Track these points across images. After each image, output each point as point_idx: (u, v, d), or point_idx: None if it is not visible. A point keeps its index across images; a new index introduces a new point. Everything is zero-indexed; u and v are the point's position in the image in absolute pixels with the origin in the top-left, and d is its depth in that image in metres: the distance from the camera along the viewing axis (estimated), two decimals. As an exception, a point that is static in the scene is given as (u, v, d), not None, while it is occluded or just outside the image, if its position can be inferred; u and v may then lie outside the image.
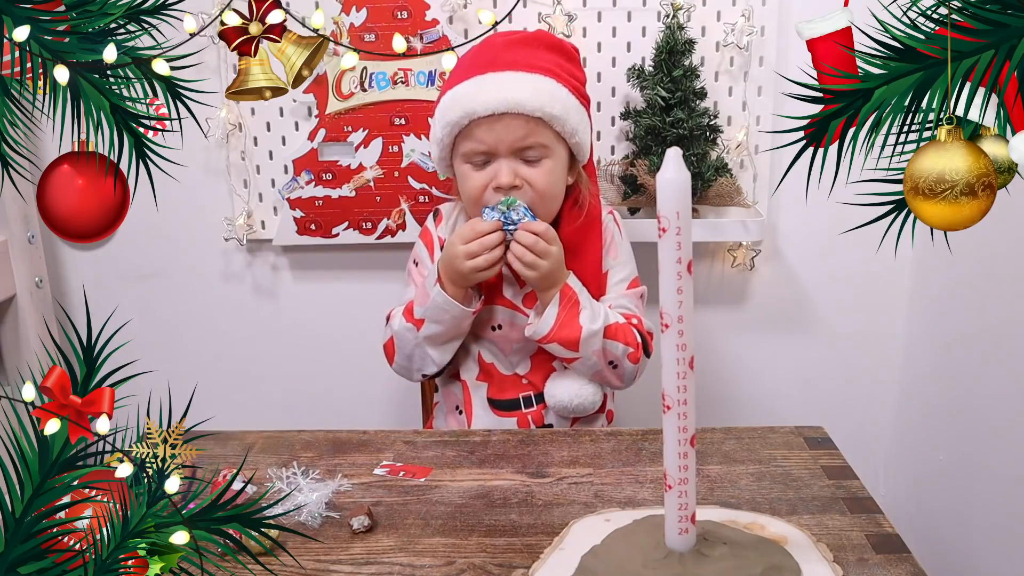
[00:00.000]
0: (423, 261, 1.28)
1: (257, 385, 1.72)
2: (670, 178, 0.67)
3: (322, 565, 0.83)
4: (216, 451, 1.06)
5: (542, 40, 1.19)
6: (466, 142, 1.16)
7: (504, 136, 1.14)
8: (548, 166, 1.16)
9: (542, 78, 1.14)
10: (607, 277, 1.24)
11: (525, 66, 1.14)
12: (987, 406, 1.33)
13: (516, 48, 1.17)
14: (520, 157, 1.16)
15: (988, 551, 1.33)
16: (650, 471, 1.00)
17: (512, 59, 1.15)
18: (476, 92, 1.13)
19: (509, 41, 1.18)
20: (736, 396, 1.69)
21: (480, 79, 1.14)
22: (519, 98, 1.12)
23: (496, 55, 1.16)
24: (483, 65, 1.15)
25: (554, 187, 1.18)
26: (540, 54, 1.17)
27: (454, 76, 1.18)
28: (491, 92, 1.12)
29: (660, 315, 0.70)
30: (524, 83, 1.13)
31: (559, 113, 1.14)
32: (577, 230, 1.21)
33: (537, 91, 1.13)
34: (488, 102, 1.12)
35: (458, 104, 1.14)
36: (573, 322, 1.15)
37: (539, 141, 1.15)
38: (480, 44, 1.18)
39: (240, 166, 1.57)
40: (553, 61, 1.17)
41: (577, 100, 1.17)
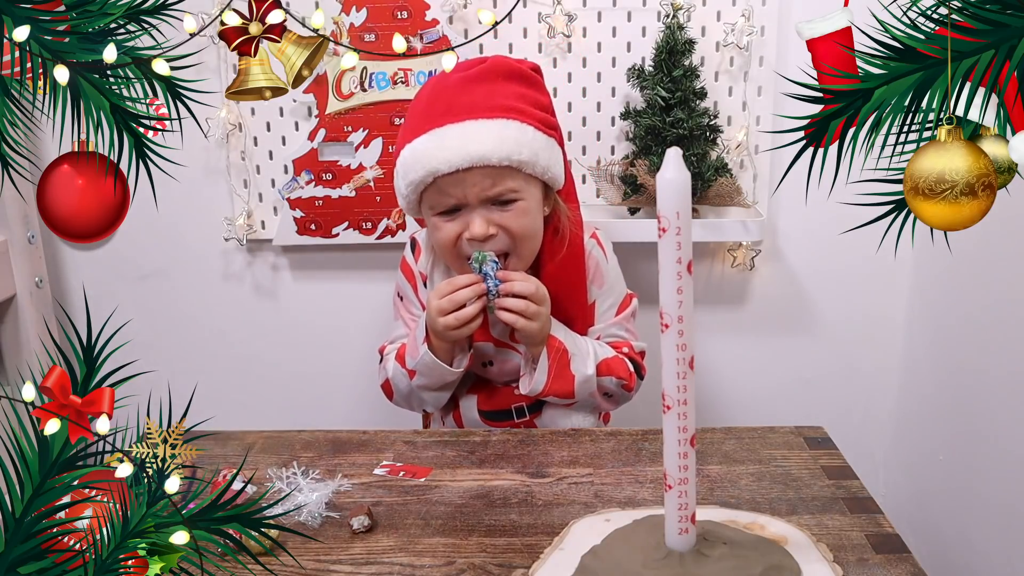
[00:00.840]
0: (407, 296, 1.27)
1: (257, 385, 1.72)
2: (670, 178, 0.67)
3: (322, 565, 0.83)
4: (216, 451, 1.06)
5: (498, 70, 1.11)
6: (433, 196, 1.12)
7: (472, 189, 1.09)
8: (522, 207, 1.12)
9: (505, 123, 1.07)
10: (594, 307, 1.23)
11: (485, 110, 1.08)
12: (987, 406, 1.33)
13: (472, 87, 1.09)
14: (491, 203, 1.11)
15: (988, 551, 1.33)
16: (650, 471, 1.00)
17: (470, 103, 1.08)
18: (436, 149, 1.07)
19: (463, 80, 1.10)
20: (736, 396, 1.69)
21: (440, 132, 1.07)
22: (483, 151, 1.06)
23: (452, 100, 1.09)
24: (440, 114, 1.08)
25: (530, 227, 1.14)
26: (498, 88, 1.10)
27: (411, 124, 1.12)
28: (453, 147, 1.06)
29: (660, 315, 0.70)
30: (486, 133, 1.06)
31: (527, 158, 1.08)
32: (560, 264, 1.18)
33: (502, 140, 1.06)
34: (451, 159, 1.06)
35: (419, 163, 1.08)
36: (565, 372, 1.14)
37: (509, 187, 1.10)
38: (433, 85, 1.12)
39: (240, 166, 1.57)
40: (514, 94, 1.10)
41: (544, 135, 1.11)
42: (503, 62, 1.12)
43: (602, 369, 1.17)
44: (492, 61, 1.12)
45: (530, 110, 1.10)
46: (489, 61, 1.12)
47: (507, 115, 1.08)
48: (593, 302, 1.23)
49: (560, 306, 1.18)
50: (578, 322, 1.20)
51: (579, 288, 1.20)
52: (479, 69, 1.10)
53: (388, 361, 1.23)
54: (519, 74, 1.12)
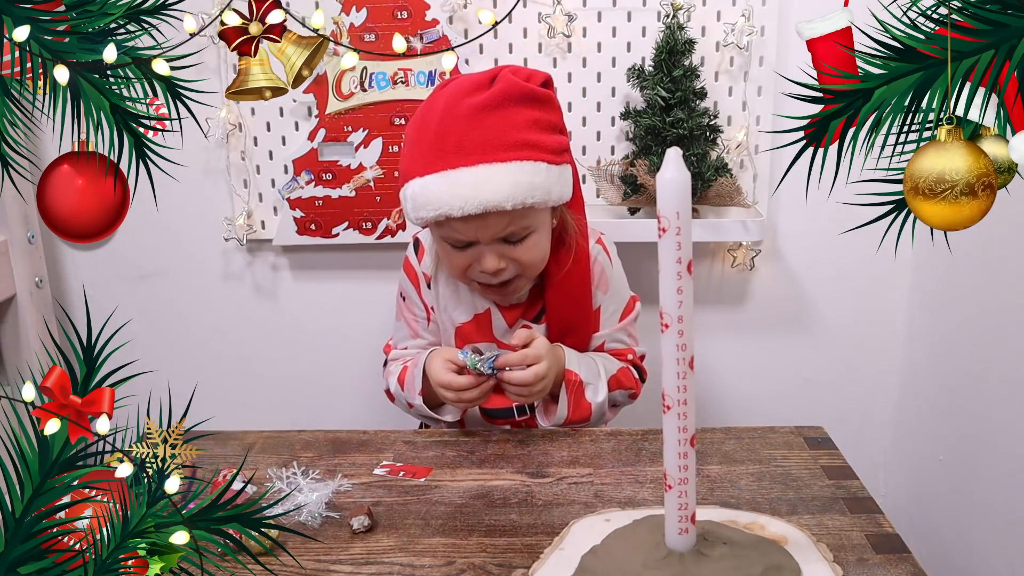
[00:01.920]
0: (410, 297, 1.26)
1: (257, 385, 1.72)
2: (670, 178, 0.67)
3: (322, 565, 0.83)
4: (216, 451, 1.06)
5: (510, 94, 1.04)
6: (444, 230, 1.09)
7: (484, 230, 1.07)
8: (533, 240, 1.10)
9: (519, 166, 1.03)
10: (599, 313, 1.22)
11: (498, 150, 1.03)
12: (987, 406, 1.33)
13: (483, 119, 1.03)
14: (503, 240, 1.09)
15: (988, 551, 1.33)
16: (650, 471, 1.00)
17: (482, 141, 1.02)
18: (448, 194, 1.02)
19: (474, 109, 1.03)
20: (736, 396, 1.69)
21: (452, 176, 1.03)
22: (497, 199, 1.02)
23: (463, 137, 1.03)
24: (451, 152, 1.03)
25: (541, 256, 1.13)
26: (510, 117, 1.04)
27: (419, 153, 1.06)
28: (465, 194, 1.02)
29: (660, 315, 0.70)
30: (501, 179, 1.02)
31: (541, 198, 1.05)
32: (566, 273, 1.17)
33: (516, 185, 1.02)
34: (464, 207, 1.02)
35: (430, 204, 1.04)
36: (581, 401, 1.14)
37: (522, 225, 1.08)
38: (442, 113, 1.05)
39: (240, 166, 1.57)
40: (526, 123, 1.05)
41: (557, 166, 1.07)
42: (514, 86, 1.05)
43: (612, 385, 1.17)
44: (503, 84, 1.05)
45: (544, 139, 1.06)
46: (500, 84, 1.05)
47: (520, 155, 1.03)
48: (598, 307, 1.22)
49: (565, 314, 1.19)
50: (583, 329, 1.20)
51: (584, 295, 1.20)
52: (490, 95, 1.04)
53: (390, 377, 1.23)
54: (531, 97, 1.06)
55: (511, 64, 1.14)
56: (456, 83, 1.08)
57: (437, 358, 1.12)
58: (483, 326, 1.21)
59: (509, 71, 1.07)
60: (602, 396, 1.15)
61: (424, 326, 1.25)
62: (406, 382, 1.19)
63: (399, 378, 1.21)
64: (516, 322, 1.21)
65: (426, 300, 1.24)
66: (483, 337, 1.20)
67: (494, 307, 1.20)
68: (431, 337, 1.26)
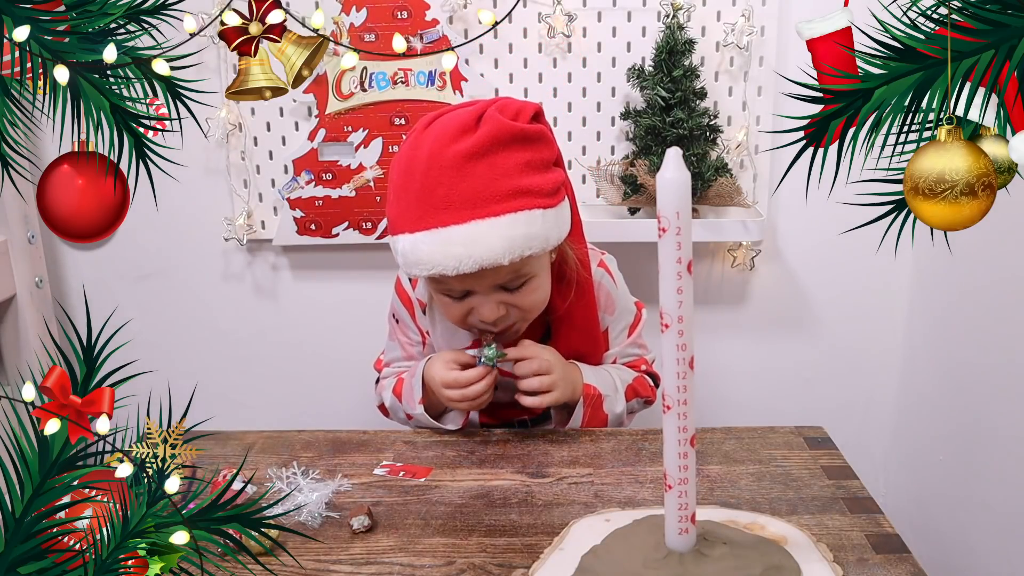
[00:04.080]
0: (404, 321, 1.22)
1: (257, 385, 1.72)
2: (670, 178, 0.67)
3: (322, 565, 0.83)
4: (216, 451, 1.06)
5: (498, 137, 0.96)
6: (437, 284, 1.05)
7: (480, 284, 1.02)
8: (532, 285, 1.05)
9: (512, 219, 0.96)
10: (607, 333, 1.21)
11: (489, 202, 0.96)
12: (987, 407, 1.33)
13: (471, 168, 0.96)
14: (501, 287, 1.04)
15: (988, 551, 1.33)
16: (650, 471, 1.00)
17: (472, 193, 0.95)
18: (440, 254, 0.96)
19: (461, 158, 0.96)
20: (736, 396, 1.69)
21: (443, 234, 0.96)
22: (493, 256, 0.95)
23: (451, 190, 0.96)
24: (440, 208, 0.96)
25: (540, 299, 1.08)
26: (499, 163, 0.97)
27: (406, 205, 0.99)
28: (458, 253, 0.95)
29: (660, 315, 0.70)
30: (495, 236, 0.95)
31: (539, 248, 0.99)
32: (571, 306, 1.14)
33: (511, 240, 0.96)
34: (458, 267, 0.96)
35: (422, 263, 0.97)
36: (598, 413, 1.13)
37: (520, 274, 1.03)
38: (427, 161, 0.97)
39: (240, 166, 1.57)
40: (517, 166, 0.97)
41: (555, 208, 1.00)
42: (501, 128, 0.97)
43: (628, 395, 1.17)
44: (490, 127, 0.97)
45: (537, 182, 0.99)
46: (486, 126, 0.97)
47: (514, 206, 0.96)
48: (606, 329, 1.21)
49: (575, 345, 1.16)
50: (593, 356, 1.19)
51: (592, 326, 1.18)
52: (476, 140, 0.96)
53: (384, 391, 1.21)
54: (521, 137, 0.98)
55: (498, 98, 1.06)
56: (441, 124, 0.99)
57: (437, 361, 1.11)
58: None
59: (496, 109, 0.99)
60: (619, 409, 1.15)
61: (419, 350, 1.23)
62: (404, 393, 1.16)
63: (395, 390, 1.18)
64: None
65: (421, 325, 1.21)
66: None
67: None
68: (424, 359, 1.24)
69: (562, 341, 1.16)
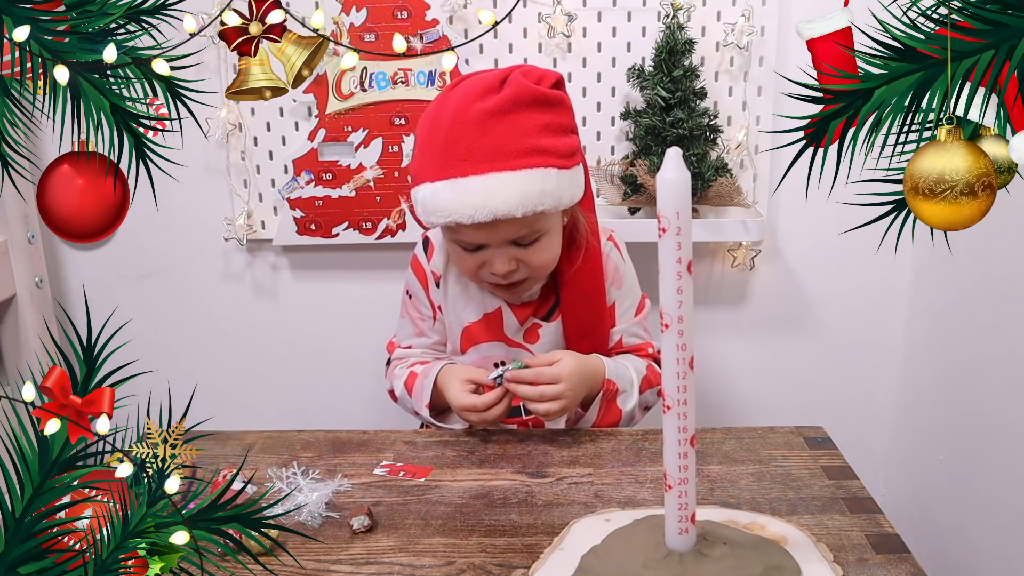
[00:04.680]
0: (417, 295, 1.25)
1: (257, 385, 1.72)
2: (670, 178, 0.67)
3: (322, 565, 0.83)
4: (216, 451, 1.06)
5: (520, 99, 1.03)
6: (454, 233, 1.10)
7: (494, 236, 1.07)
8: (544, 242, 1.11)
9: (528, 174, 1.02)
10: (614, 309, 1.23)
11: (508, 157, 1.02)
12: (987, 406, 1.33)
13: (493, 125, 1.02)
14: (514, 242, 1.09)
15: (988, 551, 1.33)
16: (650, 471, 1.00)
17: (492, 148, 1.02)
18: (459, 202, 1.02)
19: (484, 114, 1.02)
20: (736, 396, 1.69)
21: (461, 184, 1.02)
22: (507, 208, 1.02)
23: (472, 143, 1.02)
24: (461, 159, 1.02)
25: (551, 257, 1.13)
26: (520, 122, 1.03)
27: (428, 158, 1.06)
28: (475, 203, 1.02)
29: (660, 315, 0.70)
30: (511, 188, 1.02)
31: (552, 205, 1.05)
32: (578, 271, 1.18)
33: (526, 194, 1.02)
34: (474, 215, 1.02)
35: (441, 211, 1.04)
36: (611, 407, 1.14)
37: (533, 229, 1.08)
38: (452, 117, 1.03)
39: (240, 166, 1.57)
40: (536, 127, 1.04)
41: (569, 170, 1.07)
42: (524, 90, 1.04)
43: (643, 386, 1.18)
44: (513, 88, 1.04)
45: (555, 143, 1.05)
46: (510, 87, 1.04)
47: (531, 162, 1.03)
48: (613, 303, 1.23)
49: (581, 313, 1.19)
50: (599, 327, 1.20)
51: (598, 294, 1.20)
52: (500, 99, 1.03)
53: (396, 380, 1.23)
54: (542, 100, 1.05)
55: (522, 64, 1.12)
56: (467, 84, 1.07)
57: (454, 381, 1.11)
58: (493, 325, 1.21)
59: (520, 73, 1.06)
60: (632, 403, 1.15)
61: (430, 325, 1.25)
62: (414, 390, 1.18)
63: (406, 383, 1.20)
64: (527, 320, 1.21)
65: (433, 299, 1.24)
66: (492, 337, 1.20)
67: (505, 306, 1.20)
68: (436, 336, 1.26)
69: (569, 309, 1.18)
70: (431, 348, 1.26)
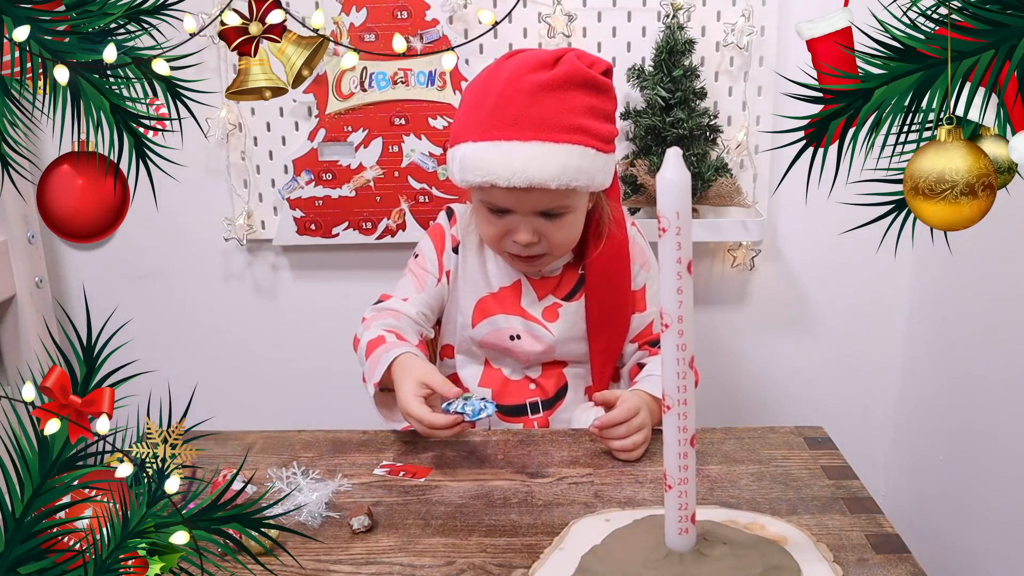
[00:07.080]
0: (425, 253, 1.25)
1: (257, 385, 1.72)
2: (670, 178, 0.67)
3: (322, 565, 0.83)
4: (216, 451, 1.06)
5: (572, 78, 1.07)
6: (486, 194, 1.12)
7: (525, 203, 1.10)
8: (568, 220, 1.13)
9: (569, 149, 1.06)
10: (643, 293, 1.24)
11: (553, 131, 1.06)
12: (987, 406, 1.33)
13: (543, 97, 1.06)
14: (540, 214, 1.12)
15: (988, 551, 1.33)
16: (650, 471, 1.00)
17: (539, 118, 1.06)
18: (498, 164, 1.06)
19: (536, 86, 1.06)
20: (736, 396, 1.69)
21: (504, 147, 1.06)
22: (544, 177, 1.05)
23: (521, 111, 1.06)
24: (507, 124, 1.06)
25: (572, 236, 1.16)
26: (569, 100, 1.07)
27: (475, 117, 1.09)
28: (514, 167, 1.05)
29: (660, 315, 0.70)
30: (551, 160, 1.05)
31: (585, 183, 1.08)
32: (603, 255, 1.19)
33: (564, 167, 1.06)
34: (511, 178, 1.05)
35: (479, 169, 1.07)
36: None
37: (561, 204, 1.11)
38: (506, 82, 1.07)
39: (240, 166, 1.57)
40: (583, 108, 1.08)
41: (605, 154, 1.10)
42: (577, 70, 1.07)
43: None
44: (567, 67, 1.07)
45: (596, 126, 1.09)
46: (564, 66, 1.07)
47: (573, 139, 1.06)
48: (643, 287, 1.24)
49: (605, 297, 1.20)
50: (622, 312, 1.22)
51: (623, 281, 1.22)
52: (553, 75, 1.06)
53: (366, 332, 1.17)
54: (591, 83, 1.09)
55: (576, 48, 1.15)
56: (522, 57, 1.10)
57: (409, 378, 1.04)
58: (509, 299, 1.21)
59: (575, 55, 1.10)
60: None
61: (432, 282, 1.23)
62: (371, 357, 1.13)
63: (370, 343, 1.14)
64: (546, 297, 1.21)
65: (444, 262, 1.24)
66: (508, 309, 1.21)
67: (525, 280, 1.21)
68: (432, 301, 1.23)
69: (592, 291, 1.20)
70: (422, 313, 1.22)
